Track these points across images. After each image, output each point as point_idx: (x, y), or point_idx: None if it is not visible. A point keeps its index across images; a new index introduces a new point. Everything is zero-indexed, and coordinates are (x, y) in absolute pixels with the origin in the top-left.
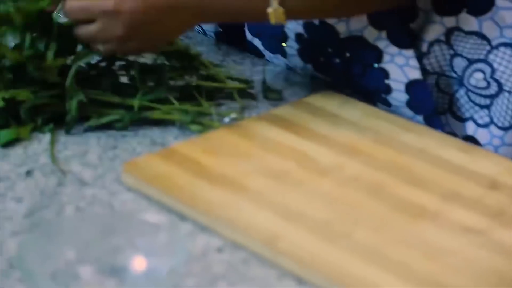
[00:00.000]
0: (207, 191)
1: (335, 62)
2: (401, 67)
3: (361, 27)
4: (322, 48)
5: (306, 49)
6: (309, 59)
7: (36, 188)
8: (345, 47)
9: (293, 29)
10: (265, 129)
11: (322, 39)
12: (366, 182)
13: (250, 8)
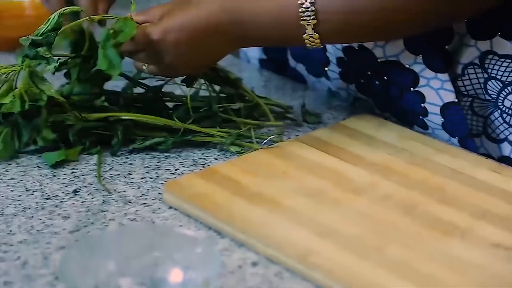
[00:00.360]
0: (244, 209)
1: (374, 84)
2: (437, 91)
3: (397, 52)
4: (362, 71)
5: (347, 72)
6: (351, 81)
7: (82, 206)
8: (383, 71)
9: (334, 53)
10: (302, 150)
11: (361, 62)
12: (399, 200)
13: (286, 35)
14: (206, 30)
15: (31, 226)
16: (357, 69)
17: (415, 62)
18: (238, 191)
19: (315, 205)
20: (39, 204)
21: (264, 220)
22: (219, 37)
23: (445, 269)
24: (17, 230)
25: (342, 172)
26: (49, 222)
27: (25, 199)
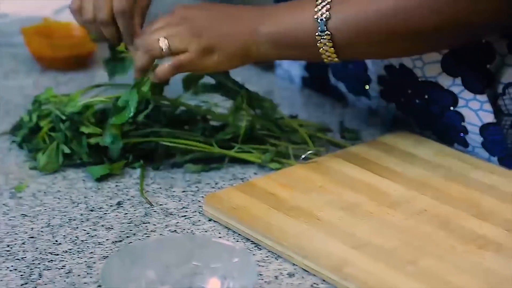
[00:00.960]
0: (281, 221)
1: (415, 102)
2: (476, 112)
3: (435, 74)
4: (402, 89)
5: (388, 90)
6: (391, 100)
7: (125, 218)
8: (423, 89)
9: (375, 72)
10: (339, 165)
11: (402, 81)
12: (434, 215)
13: (303, 47)
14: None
15: (76, 236)
16: (398, 87)
17: (454, 84)
18: (275, 204)
19: (351, 218)
20: (83, 216)
21: (301, 232)
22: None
23: (479, 282)
24: (63, 240)
25: (378, 187)
26: (93, 233)
27: (71, 210)
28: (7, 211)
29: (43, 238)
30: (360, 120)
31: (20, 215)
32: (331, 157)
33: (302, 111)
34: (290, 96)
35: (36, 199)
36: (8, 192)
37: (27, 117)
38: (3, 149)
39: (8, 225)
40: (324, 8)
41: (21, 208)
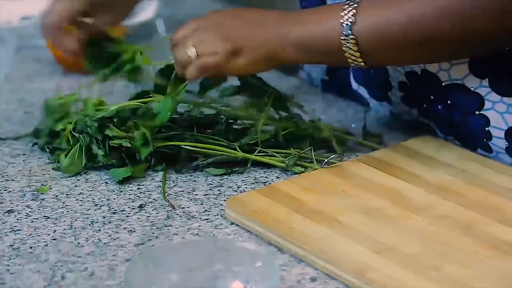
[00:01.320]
0: (304, 225)
1: (437, 108)
2: (502, 114)
3: (462, 76)
4: (424, 95)
5: (409, 96)
6: (413, 106)
7: (147, 221)
8: (446, 94)
9: (396, 78)
10: (362, 170)
11: (424, 87)
12: (457, 220)
13: (328, 51)
14: (256, 11)
15: (98, 239)
16: (420, 93)
17: (481, 86)
18: (298, 208)
19: (373, 223)
20: (106, 218)
21: (323, 236)
22: (268, 19)
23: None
24: (85, 242)
25: (401, 191)
26: (115, 236)
27: (93, 213)
28: (29, 213)
29: (66, 240)
30: (382, 125)
31: (43, 217)
32: (354, 161)
33: (324, 115)
34: (311, 100)
35: (59, 201)
36: (31, 194)
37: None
38: (26, 150)
39: (31, 227)
40: (350, 12)
41: (44, 210)
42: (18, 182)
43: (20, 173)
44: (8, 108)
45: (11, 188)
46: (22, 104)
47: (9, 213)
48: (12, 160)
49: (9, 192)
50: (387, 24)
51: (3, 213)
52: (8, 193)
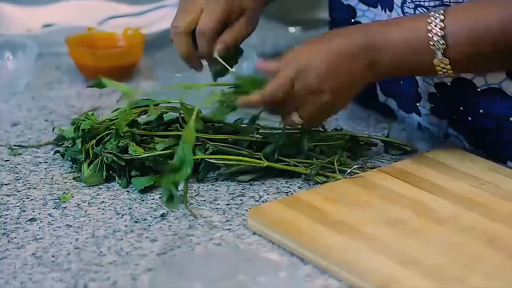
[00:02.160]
0: (327, 236)
1: (467, 119)
2: None
3: (499, 80)
4: (454, 106)
5: (439, 107)
6: (443, 116)
7: (169, 230)
8: (480, 102)
9: (426, 89)
10: (385, 180)
11: (454, 96)
12: (482, 232)
13: (417, 60)
14: (339, 58)
15: (120, 248)
16: (450, 104)
17: None
18: (321, 218)
19: (397, 234)
20: (128, 227)
21: (347, 247)
22: (355, 60)
23: None
24: (107, 251)
25: (425, 202)
26: (137, 245)
27: (115, 222)
28: (52, 221)
29: (88, 249)
30: (405, 135)
31: (65, 226)
32: (377, 172)
33: (346, 125)
34: None
35: (81, 210)
36: (53, 202)
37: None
38: (48, 158)
39: (53, 236)
40: (438, 25)
41: (66, 218)
42: (40, 190)
43: (42, 181)
44: (30, 115)
45: (33, 196)
46: (43, 111)
47: (31, 221)
48: (34, 168)
49: (31, 200)
50: (479, 29)
51: (25, 221)
52: (31, 201)
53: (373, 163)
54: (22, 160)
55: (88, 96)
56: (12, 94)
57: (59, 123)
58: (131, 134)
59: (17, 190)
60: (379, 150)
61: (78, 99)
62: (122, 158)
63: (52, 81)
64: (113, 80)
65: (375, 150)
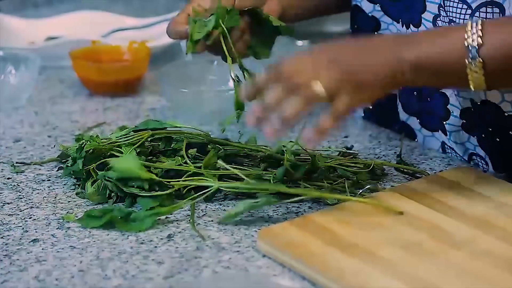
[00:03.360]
0: (339, 259)
1: (494, 140)
2: None
3: None
4: (484, 125)
5: (471, 124)
6: (473, 134)
7: (176, 252)
8: (507, 126)
9: (457, 105)
10: (397, 201)
11: (484, 117)
12: (500, 257)
13: (452, 72)
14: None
15: (126, 270)
16: (480, 122)
17: None
18: (333, 241)
19: (411, 258)
20: (133, 249)
21: (359, 271)
22: (381, 49)
23: None
24: (112, 274)
25: (439, 225)
26: (143, 267)
27: (120, 243)
28: (55, 242)
29: (93, 272)
30: (417, 154)
31: (69, 247)
32: (389, 192)
33: (356, 142)
34: (343, 126)
35: (85, 230)
36: (56, 222)
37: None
38: (51, 176)
39: (57, 257)
40: (475, 34)
41: (69, 239)
42: (43, 209)
43: (45, 200)
44: (32, 131)
45: (36, 216)
46: (46, 127)
47: (34, 242)
48: (37, 186)
49: (34, 220)
50: None
51: (28, 242)
52: (33, 221)
53: (385, 182)
54: (25, 178)
55: (92, 111)
56: (15, 109)
57: (62, 139)
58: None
59: (20, 210)
60: (392, 169)
61: (82, 114)
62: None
63: (56, 96)
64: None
65: (387, 169)
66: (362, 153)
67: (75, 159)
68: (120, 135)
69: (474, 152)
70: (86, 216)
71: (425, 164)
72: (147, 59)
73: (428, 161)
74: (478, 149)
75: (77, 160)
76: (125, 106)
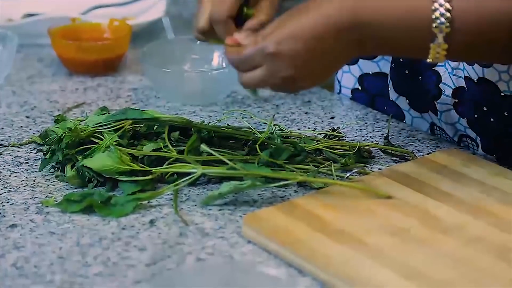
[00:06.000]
0: (326, 246)
1: (489, 120)
2: None
3: None
4: (478, 104)
5: (463, 103)
6: (465, 115)
7: (159, 238)
8: (504, 105)
9: (450, 84)
10: (386, 185)
11: (479, 95)
12: (491, 243)
13: (412, 41)
14: (324, 34)
15: (107, 257)
16: (474, 102)
17: None
18: (319, 227)
19: (401, 245)
20: (115, 235)
21: (347, 259)
22: (339, 41)
23: None
24: (93, 261)
25: (429, 210)
26: (125, 254)
27: (101, 228)
28: (34, 228)
29: (73, 259)
30: (405, 135)
31: (48, 233)
32: (377, 175)
33: (343, 124)
34: (329, 106)
35: (64, 215)
36: (35, 207)
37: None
38: (29, 158)
39: (35, 244)
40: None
41: (49, 225)
42: (21, 193)
43: (24, 184)
44: (10, 111)
45: (14, 200)
46: (24, 107)
47: (12, 228)
48: (15, 169)
49: (11, 204)
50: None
51: (5, 227)
52: (11, 206)
53: (372, 165)
54: (2, 161)
55: (72, 91)
56: None
57: (41, 120)
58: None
59: None
60: (379, 151)
61: (61, 94)
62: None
63: (34, 75)
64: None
65: (374, 151)
66: (348, 135)
67: (53, 151)
68: (100, 123)
69: (465, 133)
70: (65, 200)
71: (413, 146)
72: (128, 37)
73: (416, 143)
74: (469, 130)
75: (57, 152)
76: (105, 86)
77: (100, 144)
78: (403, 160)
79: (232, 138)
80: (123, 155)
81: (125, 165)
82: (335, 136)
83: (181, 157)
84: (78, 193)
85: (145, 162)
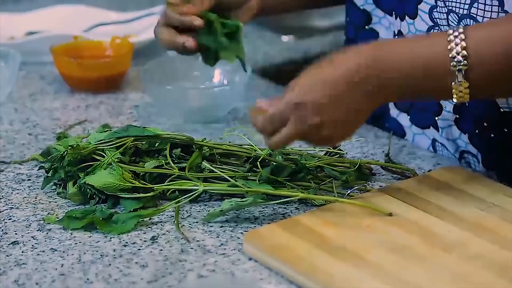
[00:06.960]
0: (327, 263)
1: (489, 136)
2: None
3: None
4: (478, 120)
5: (464, 119)
6: (466, 130)
7: (160, 255)
8: (503, 121)
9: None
10: (387, 202)
11: (479, 111)
12: (492, 260)
13: (432, 84)
14: (346, 82)
15: (108, 274)
16: (474, 118)
17: None
18: (320, 244)
19: (401, 261)
20: (116, 252)
21: (348, 276)
22: (360, 89)
23: None
24: (95, 278)
25: (430, 227)
26: (126, 271)
27: (103, 245)
28: (35, 245)
29: (74, 275)
30: (406, 152)
31: (50, 250)
32: (378, 193)
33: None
34: None
35: (66, 232)
36: (36, 224)
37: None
38: (31, 175)
39: (37, 261)
40: (458, 38)
41: (51, 241)
42: (23, 210)
43: (25, 201)
44: (12, 128)
45: (15, 217)
46: (27, 124)
47: (13, 245)
48: (17, 186)
49: (13, 221)
50: (503, 48)
51: (7, 244)
52: (13, 223)
53: (373, 182)
54: (4, 178)
55: (74, 108)
56: None
57: (43, 137)
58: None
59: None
60: (380, 168)
61: (63, 111)
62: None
63: (36, 92)
64: None
65: (375, 168)
66: (349, 152)
67: (56, 168)
68: (101, 140)
69: (466, 149)
70: (67, 217)
71: (414, 163)
72: (130, 54)
73: (417, 160)
74: (470, 146)
75: (59, 170)
76: (107, 103)
77: (102, 161)
78: (404, 177)
79: (234, 155)
80: (124, 172)
81: (127, 182)
82: (336, 153)
83: (182, 174)
84: (79, 210)
85: (147, 179)
